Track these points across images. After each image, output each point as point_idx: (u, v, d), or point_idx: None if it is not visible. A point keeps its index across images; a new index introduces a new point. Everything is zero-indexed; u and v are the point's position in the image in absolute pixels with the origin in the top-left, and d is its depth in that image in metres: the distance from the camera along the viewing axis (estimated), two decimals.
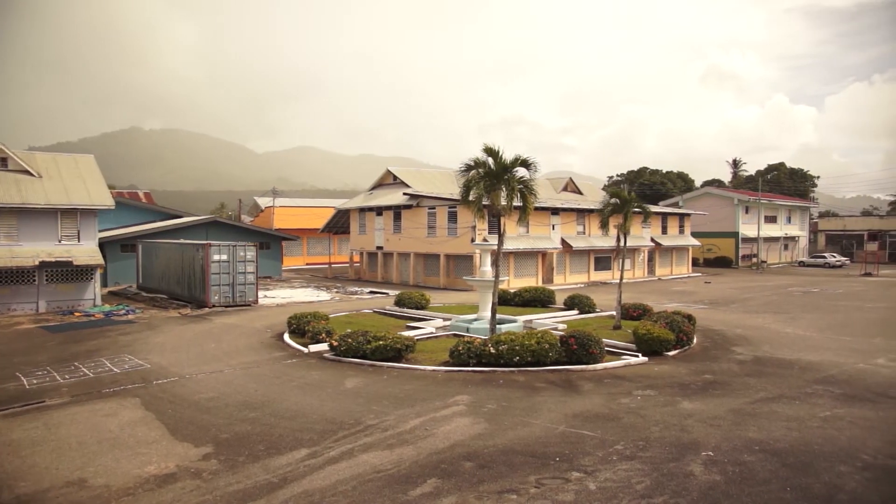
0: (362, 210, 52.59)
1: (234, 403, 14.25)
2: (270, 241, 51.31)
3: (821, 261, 69.05)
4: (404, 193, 46.86)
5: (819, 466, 10.28)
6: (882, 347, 21.30)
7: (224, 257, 31.74)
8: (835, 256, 69.91)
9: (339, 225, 58.73)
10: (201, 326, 26.02)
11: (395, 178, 51.70)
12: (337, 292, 40.47)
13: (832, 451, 11.02)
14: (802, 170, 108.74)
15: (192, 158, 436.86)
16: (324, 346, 19.89)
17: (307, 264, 67.04)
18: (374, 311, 29.67)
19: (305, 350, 20.11)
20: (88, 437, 12.04)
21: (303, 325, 22.29)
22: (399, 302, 29.94)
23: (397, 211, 48.25)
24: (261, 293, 35.54)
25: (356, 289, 42.93)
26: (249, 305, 32.36)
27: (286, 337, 22.47)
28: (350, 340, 18.72)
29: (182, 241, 37.73)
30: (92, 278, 32.19)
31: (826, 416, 13.19)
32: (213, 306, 31.21)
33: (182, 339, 22.89)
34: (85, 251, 31.44)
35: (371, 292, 40.66)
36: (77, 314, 29.49)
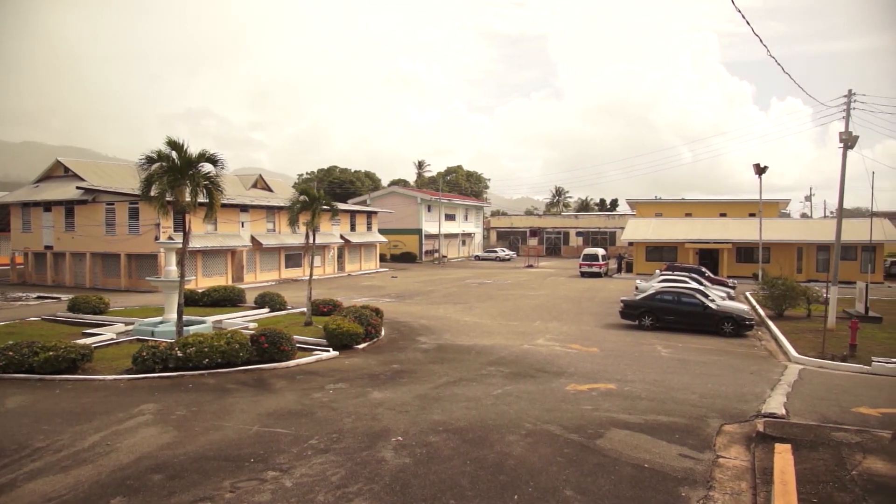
0: (26, 205, 44.92)
1: None
2: None
3: (493, 255, 76.97)
4: (78, 187, 41.15)
5: (493, 439, 11.28)
6: (541, 330, 24.60)
7: None
8: (504, 251, 78.51)
9: None
10: None
11: (66, 170, 45.03)
12: None
13: (503, 423, 12.20)
14: (477, 173, 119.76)
15: None
16: None
17: None
18: (44, 319, 25.59)
19: None
20: None
21: None
22: (73, 307, 26.26)
23: (70, 206, 42.19)
24: None
25: (20, 294, 36.51)
26: None
27: None
28: (11, 353, 15.89)
29: None
30: None
31: (498, 393, 14.64)
32: None
33: None
34: None
35: (39, 297, 35.02)
36: None
